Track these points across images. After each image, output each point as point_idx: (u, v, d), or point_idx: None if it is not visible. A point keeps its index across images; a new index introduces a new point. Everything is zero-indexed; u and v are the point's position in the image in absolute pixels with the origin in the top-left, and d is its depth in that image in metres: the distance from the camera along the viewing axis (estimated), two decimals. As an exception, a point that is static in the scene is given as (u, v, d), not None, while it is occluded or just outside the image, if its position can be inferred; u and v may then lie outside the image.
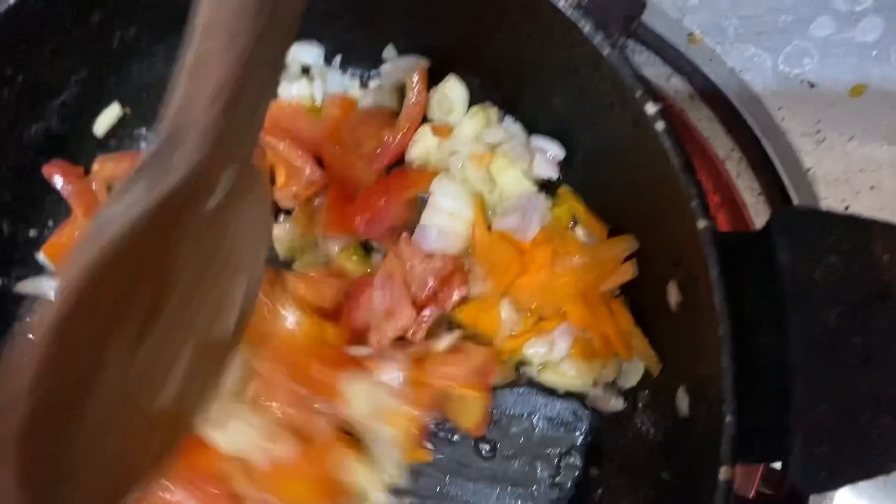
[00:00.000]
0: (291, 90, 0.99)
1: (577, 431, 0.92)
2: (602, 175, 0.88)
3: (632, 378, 0.88)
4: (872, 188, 0.95)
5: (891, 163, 0.95)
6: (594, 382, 0.90)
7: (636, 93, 0.70)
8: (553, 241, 0.89)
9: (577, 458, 0.91)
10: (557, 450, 0.91)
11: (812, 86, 1.00)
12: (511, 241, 0.90)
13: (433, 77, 0.95)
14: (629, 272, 0.85)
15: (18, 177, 0.99)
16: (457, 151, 0.93)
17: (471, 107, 0.96)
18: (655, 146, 0.70)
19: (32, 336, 0.50)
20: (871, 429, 0.65)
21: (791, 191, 0.99)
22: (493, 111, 0.95)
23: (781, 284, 0.68)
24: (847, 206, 0.95)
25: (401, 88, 0.98)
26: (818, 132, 0.98)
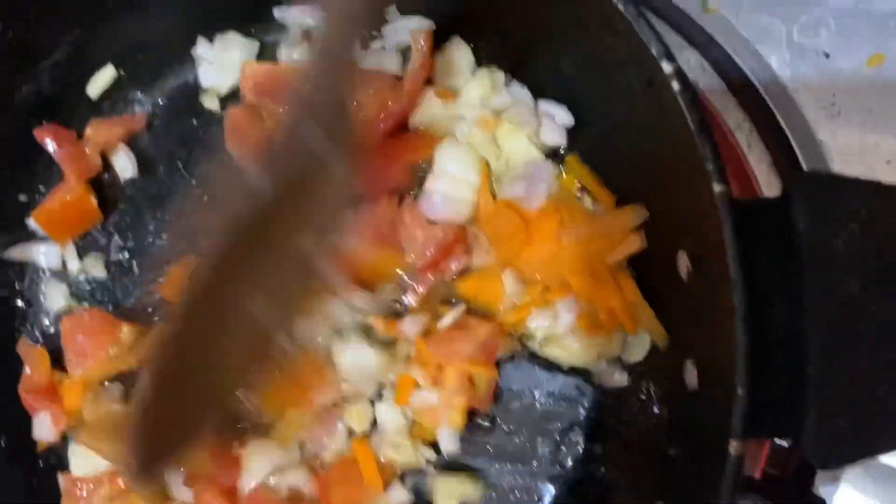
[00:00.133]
0: (293, 55, 0.96)
1: (580, 407, 0.89)
2: (611, 142, 0.85)
3: (637, 353, 0.86)
4: (889, 162, 0.93)
5: (908, 135, 0.93)
6: (598, 357, 0.87)
7: (652, 50, 0.67)
8: (559, 211, 0.87)
9: (580, 435, 0.89)
10: (559, 426, 0.89)
11: (828, 56, 0.98)
12: (516, 211, 0.88)
13: (437, 39, 0.93)
14: (637, 243, 0.83)
15: (9, 140, 0.98)
16: (462, 116, 0.91)
17: (476, 71, 0.93)
18: (670, 108, 0.67)
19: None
20: (889, 402, 0.63)
21: (804, 164, 0.96)
22: (500, 75, 0.92)
23: (799, 252, 0.66)
24: (862, 182, 0.93)
25: (404, 51, 0.95)
26: (833, 104, 0.96)
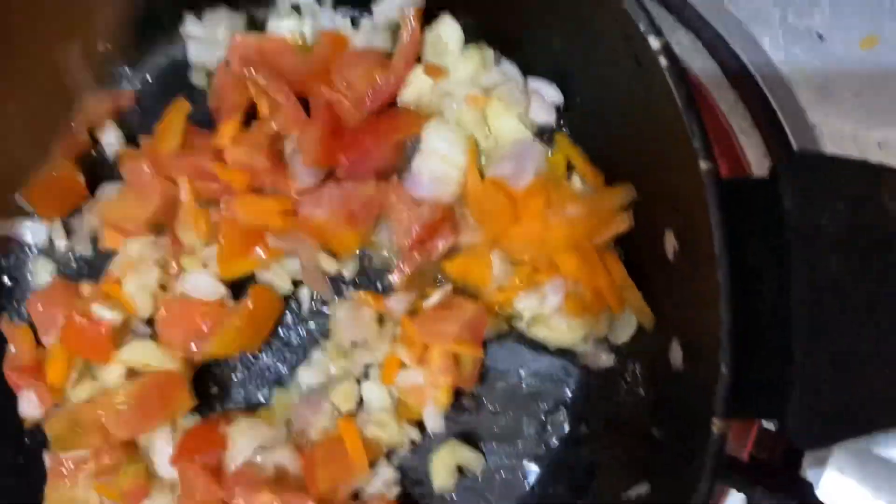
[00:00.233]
0: (281, 26, 0.95)
1: (566, 388, 0.89)
2: (600, 120, 0.84)
3: (624, 333, 0.86)
4: (880, 145, 0.92)
5: (901, 119, 0.92)
6: (585, 338, 0.86)
7: (640, 26, 0.66)
8: (547, 190, 0.85)
9: (565, 415, 0.89)
10: (545, 406, 0.89)
11: (821, 38, 0.97)
12: (504, 190, 0.86)
13: (427, 17, 0.92)
14: (625, 223, 0.82)
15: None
16: (451, 93, 0.90)
17: (466, 48, 0.92)
18: (658, 84, 0.66)
19: None
20: (873, 382, 0.63)
21: (795, 147, 0.95)
22: (489, 52, 0.91)
23: (786, 231, 0.65)
24: (853, 164, 0.92)
25: (393, 29, 0.94)
26: (826, 86, 0.95)
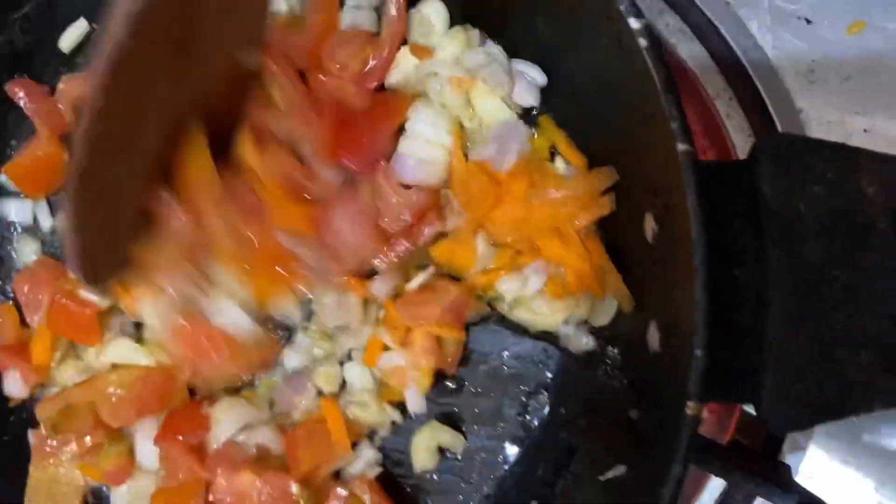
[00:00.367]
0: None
1: (547, 370, 0.89)
2: (584, 103, 0.84)
3: (604, 317, 0.86)
4: (866, 131, 0.92)
5: (886, 104, 0.92)
6: (566, 320, 0.87)
7: (621, 6, 0.66)
8: (530, 173, 0.85)
9: (546, 397, 0.89)
10: (526, 388, 0.89)
11: (808, 23, 0.96)
12: (487, 172, 0.86)
13: (411, -1, 0.91)
14: (607, 206, 0.82)
15: (-21, 93, 0.96)
16: (436, 73, 0.89)
17: (451, 29, 0.91)
18: (638, 66, 0.66)
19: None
20: (849, 367, 0.63)
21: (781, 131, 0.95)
22: (475, 33, 0.90)
23: (764, 216, 0.65)
24: (839, 150, 0.92)
25: (378, 9, 0.93)
26: (812, 71, 0.95)
